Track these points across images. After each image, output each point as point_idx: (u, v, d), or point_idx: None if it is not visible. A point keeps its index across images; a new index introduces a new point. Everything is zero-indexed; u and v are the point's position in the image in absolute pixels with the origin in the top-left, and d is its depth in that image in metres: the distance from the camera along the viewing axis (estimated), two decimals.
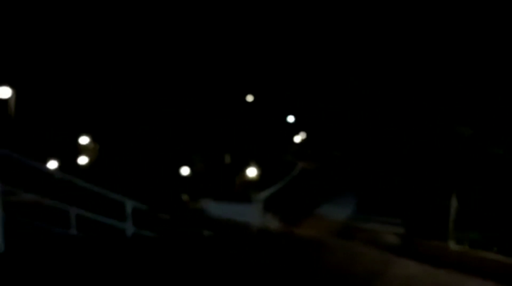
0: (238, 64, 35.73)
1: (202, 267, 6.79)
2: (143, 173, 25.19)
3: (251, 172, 27.10)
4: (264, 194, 24.55)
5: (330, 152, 39.94)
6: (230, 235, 13.59)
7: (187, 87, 31.79)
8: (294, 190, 27.67)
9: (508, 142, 17.94)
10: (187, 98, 31.50)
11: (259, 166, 27.32)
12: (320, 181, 30.55)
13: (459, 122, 19.78)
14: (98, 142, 28.85)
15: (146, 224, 9.70)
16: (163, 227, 11.55)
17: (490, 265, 10.73)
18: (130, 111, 29.39)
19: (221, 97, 34.19)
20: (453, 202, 13.63)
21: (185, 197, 25.29)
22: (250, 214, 19.60)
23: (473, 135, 19.06)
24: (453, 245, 13.01)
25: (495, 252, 12.38)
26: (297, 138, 44.21)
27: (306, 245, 11.46)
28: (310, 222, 20.46)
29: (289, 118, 43.15)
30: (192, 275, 6.28)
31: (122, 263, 6.39)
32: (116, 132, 28.75)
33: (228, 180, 28.32)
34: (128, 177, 23.28)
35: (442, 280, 8.65)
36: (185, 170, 28.94)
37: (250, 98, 39.32)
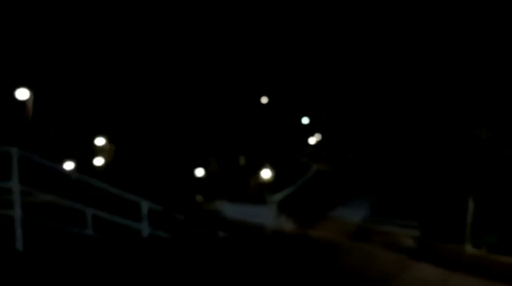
0: (253, 66, 35.79)
1: (217, 268, 6.81)
2: (159, 174, 25.30)
3: (266, 174, 27.08)
4: (279, 196, 24.59)
5: (345, 154, 39.80)
6: (245, 237, 13.61)
7: (203, 89, 31.91)
8: (309, 192, 27.65)
9: None
10: (203, 100, 31.62)
11: (274, 168, 27.28)
12: (335, 183, 30.45)
13: (476, 125, 19.61)
14: (114, 144, 29.07)
15: (162, 225, 9.74)
16: (178, 228, 11.58)
17: (508, 270, 10.59)
18: (146, 113, 29.58)
19: (236, 99, 34.25)
20: (470, 205, 13.49)
21: (200, 198, 25.37)
22: (265, 216, 19.65)
23: (490, 138, 18.88)
24: (470, 249, 12.88)
25: None
26: (312, 140, 44.06)
27: (321, 247, 11.41)
28: (325, 224, 20.41)
29: (304, 120, 43.00)
30: (207, 276, 6.30)
31: (138, 264, 6.43)
32: (132, 134, 28.95)
33: (243, 182, 28.33)
34: (144, 178, 23.42)
35: (458, 284, 8.57)
36: (200, 172, 29.03)
37: (265, 100, 39.30)
